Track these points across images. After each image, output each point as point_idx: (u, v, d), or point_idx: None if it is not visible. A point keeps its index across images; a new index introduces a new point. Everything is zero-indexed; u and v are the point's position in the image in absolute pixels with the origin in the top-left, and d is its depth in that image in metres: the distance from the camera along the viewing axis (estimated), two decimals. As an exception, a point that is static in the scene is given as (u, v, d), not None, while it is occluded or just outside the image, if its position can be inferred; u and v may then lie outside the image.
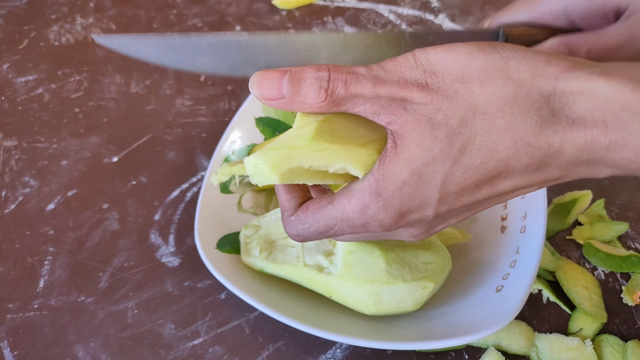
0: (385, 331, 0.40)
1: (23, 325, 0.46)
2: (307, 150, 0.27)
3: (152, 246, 0.51)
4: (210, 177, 0.30)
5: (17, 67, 0.68)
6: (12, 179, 0.56)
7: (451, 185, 0.26)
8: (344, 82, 0.27)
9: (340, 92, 0.27)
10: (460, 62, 0.26)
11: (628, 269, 0.47)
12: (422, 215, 0.28)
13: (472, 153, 0.25)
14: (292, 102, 0.28)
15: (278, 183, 0.28)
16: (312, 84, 0.27)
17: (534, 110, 0.25)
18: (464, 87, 0.26)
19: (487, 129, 0.25)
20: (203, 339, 0.45)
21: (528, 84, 0.25)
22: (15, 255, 0.50)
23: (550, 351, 0.43)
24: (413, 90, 0.26)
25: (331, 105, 0.27)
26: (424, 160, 0.26)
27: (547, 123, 0.25)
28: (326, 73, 0.27)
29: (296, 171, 0.28)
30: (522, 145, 0.25)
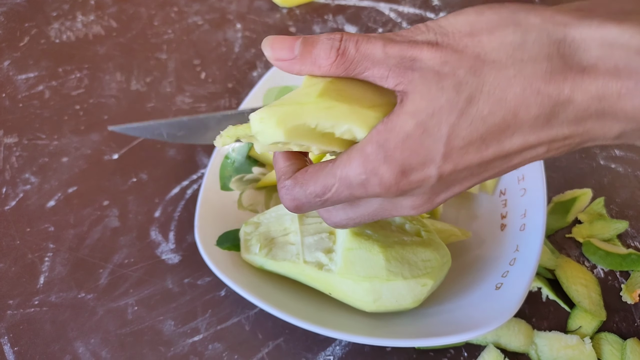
0: (384, 328, 0.40)
1: (23, 322, 0.46)
2: (314, 107, 0.27)
3: (152, 243, 0.51)
4: (214, 141, 0.30)
5: (17, 64, 0.68)
6: (12, 176, 0.56)
7: (457, 138, 0.25)
8: (355, 42, 0.27)
9: (351, 51, 0.27)
10: (469, 19, 0.26)
11: (627, 267, 0.48)
12: (425, 174, 0.27)
13: (480, 102, 0.25)
14: (303, 62, 0.28)
15: (283, 139, 0.27)
16: (324, 44, 0.27)
17: (543, 57, 0.24)
18: (473, 40, 0.25)
19: (496, 77, 0.25)
20: (203, 335, 0.45)
21: (537, 30, 0.24)
22: (15, 251, 0.50)
23: (549, 349, 0.43)
24: (423, 48, 0.26)
25: (342, 67, 0.27)
26: (429, 111, 0.25)
27: (557, 70, 0.24)
28: (338, 35, 0.27)
29: (302, 129, 0.27)
30: (531, 92, 0.24)
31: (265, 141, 0.28)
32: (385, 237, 0.39)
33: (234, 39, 0.71)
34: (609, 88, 0.23)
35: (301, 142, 0.28)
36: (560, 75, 0.24)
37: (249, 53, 0.69)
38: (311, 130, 0.28)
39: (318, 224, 0.42)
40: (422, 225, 0.42)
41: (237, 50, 0.69)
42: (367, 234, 0.39)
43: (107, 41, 0.71)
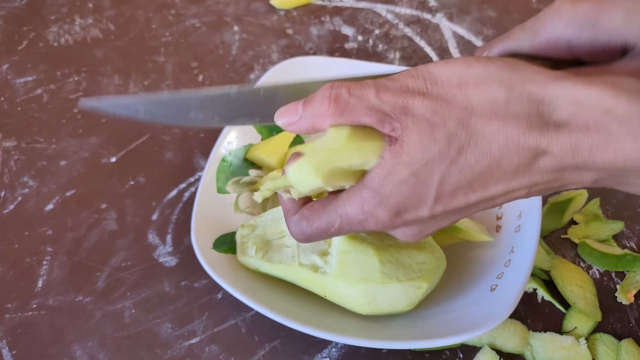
0: (380, 330, 0.40)
1: (21, 325, 0.46)
2: (345, 149, 0.29)
3: (149, 246, 0.51)
4: (253, 196, 0.33)
5: (16, 68, 0.68)
6: (11, 180, 0.57)
7: (447, 184, 0.28)
8: (347, 88, 0.29)
9: (344, 96, 0.29)
10: (458, 70, 0.28)
11: (623, 267, 0.48)
12: (417, 214, 0.29)
13: (468, 153, 0.27)
14: (307, 118, 0.30)
15: (321, 185, 0.30)
16: (318, 96, 0.30)
17: (524, 114, 0.26)
18: (461, 92, 0.27)
19: (482, 130, 0.27)
20: (200, 338, 0.45)
21: (519, 89, 0.27)
22: (13, 255, 0.51)
23: (544, 350, 0.43)
24: (415, 96, 0.28)
25: (339, 112, 0.29)
26: (423, 161, 0.27)
27: (536, 126, 0.26)
28: (329, 84, 0.29)
29: (336, 172, 0.30)
30: (512, 145, 0.26)
31: (304, 189, 0.31)
32: (380, 240, 0.39)
33: (231, 42, 0.71)
34: (581, 143, 0.26)
35: (336, 184, 0.30)
36: (538, 131, 0.26)
37: (247, 55, 0.69)
38: (345, 172, 0.30)
39: (313, 227, 0.42)
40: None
41: (234, 53, 0.69)
42: (362, 237, 0.39)
43: (105, 44, 0.71)
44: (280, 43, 0.70)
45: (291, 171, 0.30)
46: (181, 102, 0.34)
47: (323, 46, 0.70)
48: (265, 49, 0.70)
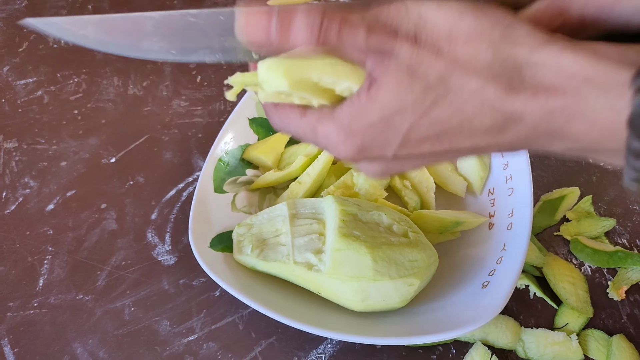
0: (373, 327, 0.41)
1: (23, 324, 0.47)
2: (320, 62, 0.28)
3: (148, 245, 0.52)
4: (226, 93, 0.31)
5: (17, 70, 0.69)
6: (12, 180, 0.58)
7: (415, 133, 0.28)
8: (338, 30, 0.27)
9: (332, 39, 0.27)
10: (450, 20, 0.27)
11: (614, 264, 0.48)
12: (381, 154, 0.29)
13: (442, 108, 0.27)
14: (281, 47, 0.28)
15: (287, 89, 0.28)
16: (303, 29, 0.27)
17: (506, 77, 0.26)
18: (449, 46, 0.26)
19: (461, 88, 0.26)
20: (198, 335, 0.46)
21: (507, 52, 0.26)
22: (15, 254, 0.52)
23: (536, 345, 0.44)
24: (402, 42, 0.26)
25: (322, 46, 0.27)
26: (395, 108, 0.27)
27: (515, 90, 0.26)
28: (319, 19, 0.26)
29: (306, 82, 0.29)
30: (488, 107, 0.26)
31: (269, 89, 0.29)
32: (372, 238, 0.40)
33: (229, 42, 0.71)
34: (557, 110, 0.25)
35: (303, 95, 0.29)
36: (515, 95, 0.26)
37: (244, 56, 0.69)
38: (313, 85, 0.29)
39: (308, 225, 0.43)
40: (409, 226, 0.43)
41: (232, 54, 0.70)
42: (355, 235, 0.40)
43: (104, 46, 0.72)
44: (278, 43, 0.71)
45: (261, 67, 0.28)
46: (133, 25, 0.30)
47: (320, 46, 0.70)
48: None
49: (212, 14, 0.29)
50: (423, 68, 0.26)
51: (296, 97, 0.30)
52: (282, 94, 0.30)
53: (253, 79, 0.30)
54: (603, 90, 0.24)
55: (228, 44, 0.30)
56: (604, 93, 0.24)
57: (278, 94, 0.30)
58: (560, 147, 0.27)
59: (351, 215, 0.42)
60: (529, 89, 0.25)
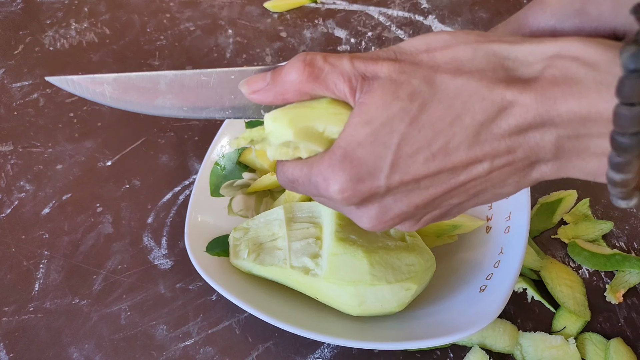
0: (370, 331, 0.41)
1: (19, 328, 0.47)
2: (324, 112, 0.29)
3: (145, 249, 0.52)
4: (229, 142, 0.32)
5: (12, 73, 0.69)
6: (7, 184, 0.57)
7: (406, 146, 0.27)
8: (323, 56, 0.29)
9: (319, 62, 0.29)
10: (427, 40, 0.28)
11: (612, 267, 0.48)
12: (373, 184, 0.28)
13: (430, 109, 0.26)
14: (275, 84, 0.30)
15: (292, 138, 0.29)
16: (293, 63, 0.29)
17: (489, 70, 0.26)
18: (428, 55, 0.28)
19: (447, 86, 0.26)
20: (194, 339, 0.46)
21: (485, 48, 0.27)
22: (11, 259, 0.51)
23: (534, 349, 0.44)
24: (384, 62, 0.28)
25: (312, 78, 0.29)
26: (382, 119, 0.27)
27: (501, 80, 0.26)
28: (303, 56, 0.29)
29: (311, 132, 0.29)
30: (476, 99, 0.26)
31: (276, 140, 0.30)
32: (369, 243, 0.40)
33: (225, 45, 0.71)
34: (547, 93, 0.25)
35: (309, 145, 0.30)
36: (503, 85, 0.26)
37: (240, 58, 0.69)
38: (319, 135, 0.30)
39: (305, 230, 0.43)
40: (406, 230, 0.42)
41: (228, 56, 0.70)
42: (352, 239, 0.40)
43: (100, 48, 0.71)
44: (274, 46, 0.71)
45: (267, 119, 0.30)
46: (148, 83, 0.32)
47: (316, 49, 0.70)
48: (259, 52, 0.70)
49: (223, 73, 0.32)
50: (406, 76, 0.27)
51: (303, 150, 0.30)
52: (290, 147, 0.30)
53: (260, 134, 0.31)
54: (592, 67, 0.24)
55: (238, 102, 0.32)
56: (592, 70, 0.24)
57: (286, 149, 0.30)
58: (551, 138, 0.26)
59: (348, 220, 0.41)
60: (516, 78, 0.26)
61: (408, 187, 0.28)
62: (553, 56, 0.25)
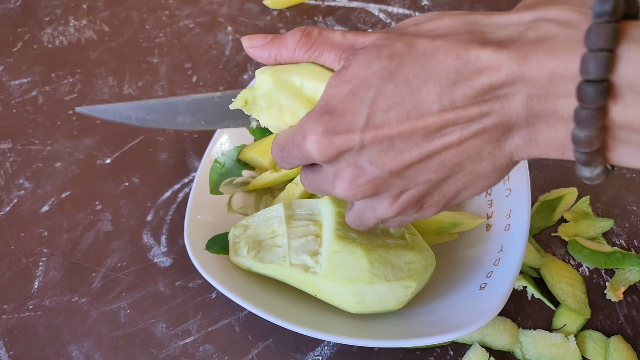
0: (370, 329, 0.41)
1: (18, 326, 0.47)
2: (304, 68, 0.32)
3: (144, 247, 0.52)
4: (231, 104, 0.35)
5: (11, 70, 0.68)
6: (6, 182, 0.57)
7: (382, 100, 0.28)
8: (319, 29, 0.32)
9: (314, 33, 0.32)
10: (417, 16, 0.31)
11: (612, 265, 0.48)
12: (347, 138, 0.29)
13: (407, 66, 0.27)
14: (273, 45, 0.33)
15: (272, 87, 0.32)
16: (292, 32, 0.32)
17: (467, 33, 0.27)
18: (416, 27, 0.29)
19: (425, 47, 0.27)
20: (194, 337, 0.46)
21: (468, 17, 0.28)
22: (10, 256, 0.51)
23: (534, 347, 0.44)
24: (374, 34, 0.30)
25: (305, 47, 0.32)
26: (362, 76, 0.29)
27: (477, 41, 0.27)
28: (302, 27, 0.32)
29: (288, 84, 0.32)
30: (452, 57, 0.27)
31: (260, 93, 0.33)
32: (369, 241, 0.40)
33: (224, 42, 0.71)
34: (520, 51, 0.25)
35: (290, 101, 0.32)
36: (479, 45, 0.26)
37: (240, 56, 0.69)
38: (297, 90, 0.32)
39: (305, 227, 0.43)
40: (406, 228, 0.42)
41: (227, 53, 0.70)
42: (351, 237, 0.40)
43: (99, 46, 0.71)
44: (274, 43, 0.71)
45: (257, 72, 0.33)
46: (169, 107, 0.36)
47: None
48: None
49: (234, 94, 0.35)
50: (390, 41, 0.29)
51: (287, 111, 0.33)
52: (275, 107, 0.33)
53: (252, 93, 0.34)
54: (564, 25, 0.25)
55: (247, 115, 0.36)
56: (564, 27, 0.25)
57: (275, 112, 0.33)
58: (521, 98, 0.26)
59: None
60: (494, 40, 0.26)
61: (382, 146, 0.29)
62: (532, 20, 0.26)
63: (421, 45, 0.28)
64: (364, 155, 0.29)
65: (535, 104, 0.25)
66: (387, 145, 0.28)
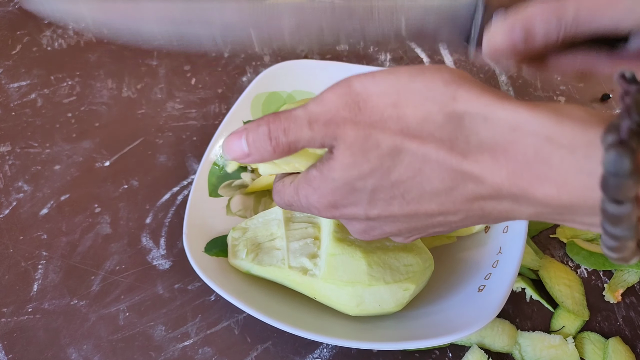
0: (369, 331, 0.41)
1: (17, 329, 0.47)
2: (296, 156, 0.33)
3: (143, 249, 0.52)
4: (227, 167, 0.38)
5: (10, 73, 0.68)
6: (5, 184, 0.57)
7: (381, 192, 0.28)
8: (283, 131, 0.29)
9: (282, 140, 0.29)
10: (399, 84, 0.27)
11: (610, 266, 0.48)
12: (354, 211, 0.30)
13: (401, 170, 0.27)
14: (254, 156, 0.30)
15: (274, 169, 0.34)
16: (260, 139, 0.30)
17: (462, 138, 0.25)
18: (397, 113, 0.27)
19: (415, 153, 0.26)
20: (193, 340, 0.46)
21: (461, 114, 0.25)
22: (9, 260, 0.51)
23: (532, 349, 0.44)
24: (346, 125, 0.27)
25: (282, 152, 0.30)
26: (355, 175, 0.28)
27: (472, 152, 0.25)
28: (266, 127, 0.29)
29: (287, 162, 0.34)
30: (445, 169, 0.26)
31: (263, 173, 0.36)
32: (367, 243, 0.40)
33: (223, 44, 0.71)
34: (519, 173, 0.24)
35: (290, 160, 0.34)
36: (473, 157, 0.25)
37: (238, 58, 0.69)
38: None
39: (304, 230, 0.43)
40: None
41: (226, 56, 0.70)
42: (350, 240, 0.40)
43: (98, 48, 0.71)
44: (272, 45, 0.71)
45: None
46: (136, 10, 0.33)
47: (315, 48, 0.70)
48: (257, 51, 0.70)
49: None
50: (373, 141, 0.27)
51: (284, 166, 0.34)
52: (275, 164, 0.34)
53: None
54: (568, 150, 0.22)
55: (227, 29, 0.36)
56: (569, 153, 0.22)
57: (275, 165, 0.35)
58: (531, 212, 0.25)
59: (346, 220, 0.41)
60: (488, 151, 0.25)
61: (388, 220, 0.30)
62: (526, 131, 0.24)
63: (409, 151, 0.26)
64: (373, 222, 0.31)
65: (545, 216, 0.26)
66: (393, 219, 0.30)
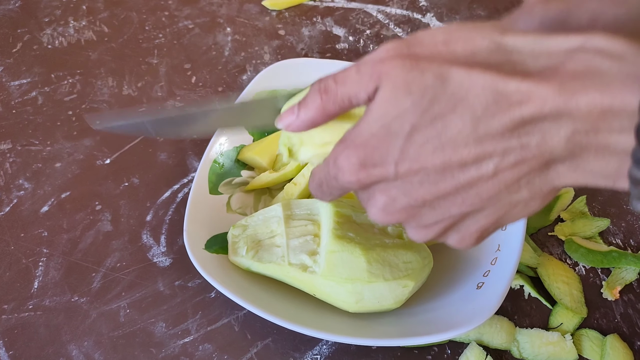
0: (368, 328, 0.41)
1: (18, 326, 0.47)
2: None
3: (144, 246, 0.52)
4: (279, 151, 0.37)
5: (11, 71, 0.69)
6: (6, 182, 0.57)
7: (417, 135, 0.27)
8: (333, 79, 0.30)
9: (331, 85, 0.30)
10: (447, 31, 0.28)
11: (608, 264, 0.49)
12: (382, 172, 0.28)
13: (442, 103, 0.26)
14: (300, 115, 0.31)
15: None
16: (311, 94, 0.31)
17: (506, 62, 0.26)
18: (447, 47, 0.27)
19: (461, 80, 0.26)
20: (193, 337, 0.46)
21: (506, 40, 0.26)
22: (10, 257, 0.52)
23: (530, 345, 0.44)
24: (392, 61, 0.27)
25: (331, 100, 0.30)
26: (395, 113, 0.27)
27: (517, 73, 0.25)
28: (317, 84, 0.31)
29: None
30: (490, 92, 0.25)
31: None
32: (367, 240, 0.40)
33: (224, 43, 0.71)
34: (566, 85, 0.24)
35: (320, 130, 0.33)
36: (520, 77, 0.25)
37: (239, 56, 0.70)
38: None
39: (303, 227, 0.43)
40: (403, 228, 0.43)
41: (227, 54, 0.70)
42: (349, 237, 0.40)
43: (99, 46, 0.71)
44: (272, 44, 0.71)
45: None
46: (186, 117, 0.37)
47: (315, 47, 0.71)
48: (257, 50, 0.70)
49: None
50: (418, 72, 0.26)
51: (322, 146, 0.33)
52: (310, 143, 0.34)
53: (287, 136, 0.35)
54: (617, 59, 0.23)
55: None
56: (617, 61, 0.23)
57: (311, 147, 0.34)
58: (569, 131, 0.25)
59: (345, 217, 0.42)
60: (534, 73, 0.25)
61: (417, 177, 0.28)
62: (575, 49, 0.25)
63: (456, 78, 0.26)
64: (398, 186, 0.29)
65: (582, 138, 0.25)
66: (422, 176, 0.28)
